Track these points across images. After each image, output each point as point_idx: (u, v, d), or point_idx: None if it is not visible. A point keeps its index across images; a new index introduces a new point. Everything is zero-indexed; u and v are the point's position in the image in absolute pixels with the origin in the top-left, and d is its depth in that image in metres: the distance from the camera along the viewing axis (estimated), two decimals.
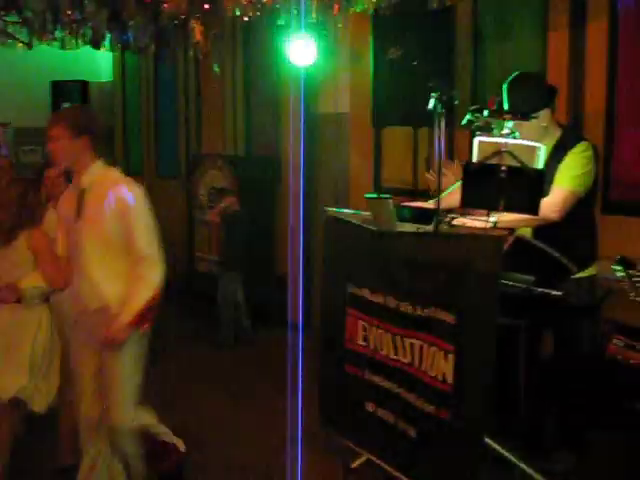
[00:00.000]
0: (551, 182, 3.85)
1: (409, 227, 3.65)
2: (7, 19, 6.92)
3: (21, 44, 7.15)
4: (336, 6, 5.01)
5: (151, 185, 9.65)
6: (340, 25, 6.05)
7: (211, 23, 6.38)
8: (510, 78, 4.00)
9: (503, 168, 3.26)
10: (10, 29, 6.97)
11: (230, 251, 6.98)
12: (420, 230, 3.57)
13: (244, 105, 8.05)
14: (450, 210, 3.82)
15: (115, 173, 3.77)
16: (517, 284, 3.52)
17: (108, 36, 7.92)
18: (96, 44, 7.85)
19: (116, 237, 3.58)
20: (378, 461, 3.95)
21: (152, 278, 3.62)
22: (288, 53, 6.47)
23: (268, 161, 7.57)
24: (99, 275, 3.63)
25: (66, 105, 10.14)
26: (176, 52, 8.24)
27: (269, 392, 5.73)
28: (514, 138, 3.60)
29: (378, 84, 5.66)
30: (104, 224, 3.57)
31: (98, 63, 10.85)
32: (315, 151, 7.08)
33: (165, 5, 5.05)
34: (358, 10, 5.13)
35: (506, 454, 3.74)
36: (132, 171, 10.66)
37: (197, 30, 5.90)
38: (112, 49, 8.77)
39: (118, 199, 3.56)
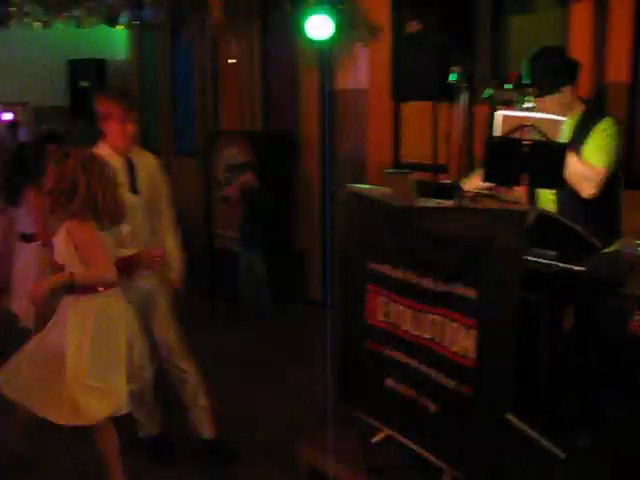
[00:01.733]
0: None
1: (430, 202, 3.62)
2: None
3: (38, 23, 7.14)
4: None
5: (169, 163, 9.68)
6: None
7: None
8: (532, 52, 3.95)
9: (526, 142, 3.22)
10: (27, 8, 6.98)
11: (249, 227, 6.97)
12: (441, 205, 3.54)
13: (262, 81, 8.00)
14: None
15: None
16: (540, 259, 3.49)
17: (124, 14, 7.92)
18: (112, 22, 7.84)
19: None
20: (398, 437, 3.95)
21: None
22: (306, 28, 6.43)
23: (286, 137, 7.53)
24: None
25: (84, 84, 10.17)
26: (193, 28, 8.22)
27: (288, 368, 5.75)
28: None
29: (397, 58, 5.62)
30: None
31: (115, 41, 10.81)
32: (333, 127, 7.04)
33: None
34: None
35: (527, 430, 3.73)
36: (150, 149, 10.66)
37: (215, 5, 5.84)
38: (128, 27, 8.78)
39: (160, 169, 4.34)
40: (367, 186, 4.22)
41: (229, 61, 8.22)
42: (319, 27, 6.48)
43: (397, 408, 3.94)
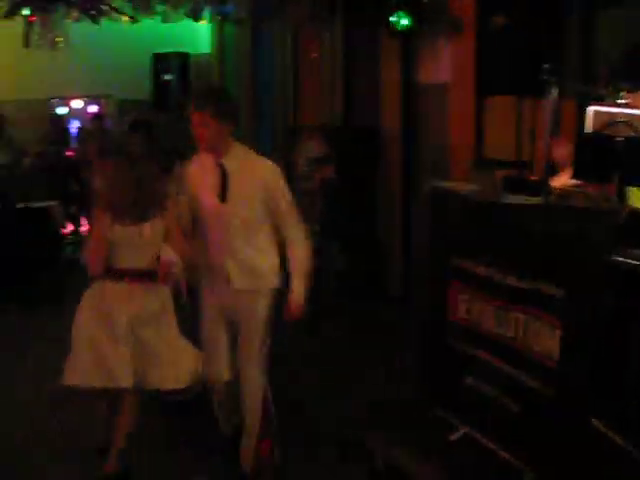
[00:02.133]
0: None
1: (516, 199, 3.57)
2: None
3: (126, 18, 7.33)
4: None
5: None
6: None
7: None
8: (625, 47, 3.84)
9: (619, 139, 3.14)
10: (115, 4, 7.16)
11: (329, 221, 6.98)
12: (528, 201, 3.48)
13: (343, 75, 8.00)
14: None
15: (251, 152, 3.93)
16: (630, 260, 3.39)
17: (208, 9, 8.06)
18: (196, 16, 8.00)
19: (262, 213, 3.81)
20: (477, 435, 3.91)
21: (304, 239, 3.88)
22: (389, 21, 6.41)
23: (367, 131, 7.51)
24: (248, 252, 3.83)
25: (167, 77, 10.38)
26: (274, 23, 8.30)
27: (366, 362, 5.75)
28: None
29: (482, 52, 5.53)
30: (254, 202, 3.76)
31: (198, 35, 11.00)
32: (415, 121, 6.99)
33: None
34: None
35: (612, 435, 3.63)
36: None
37: None
38: (211, 21, 8.93)
39: (268, 174, 3.84)
40: (451, 182, 4.19)
41: (312, 55, 8.22)
42: (402, 20, 6.46)
43: (477, 407, 3.90)
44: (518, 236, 3.49)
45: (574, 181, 3.69)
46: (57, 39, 5.87)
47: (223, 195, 3.76)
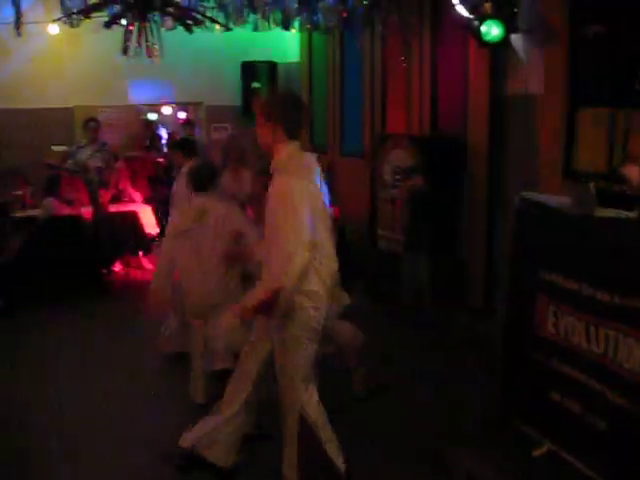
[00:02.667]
0: None
1: (609, 212, 3.50)
2: (206, 4, 7.29)
3: (219, 27, 7.49)
4: None
5: (335, 163, 9.88)
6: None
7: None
8: None
9: None
10: (209, 13, 7.34)
11: (414, 231, 6.96)
12: (622, 216, 3.41)
13: (430, 85, 7.97)
14: None
15: (292, 160, 3.85)
16: None
17: (298, 18, 8.17)
18: (287, 26, 8.11)
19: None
20: (562, 452, 3.84)
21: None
22: (479, 31, 6.35)
23: (454, 142, 7.45)
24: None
25: (255, 85, 10.56)
26: (363, 32, 8.33)
27: (449, 373, 5.70)
28: None
29: (575, 63, 5.43)
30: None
31: (286, 44, 11.15)
32: (502, 132, 6.91)
33: None
34: None
35: None
36: (317, 150, 10.93)
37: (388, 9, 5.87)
38: (301, 30, 9.05)
39: (276, 188, 3.78)
40: (542, 194, 4.13)
41: (400, 61, 8.16)
42: (492, 30, 6.39)
43: (562, 423, 3.83)
44: (610, 251, 3.42)
45: None
46: (153, 48, 6.06)
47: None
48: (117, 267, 9.22)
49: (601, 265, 3.48)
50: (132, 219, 9.09)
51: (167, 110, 13.57)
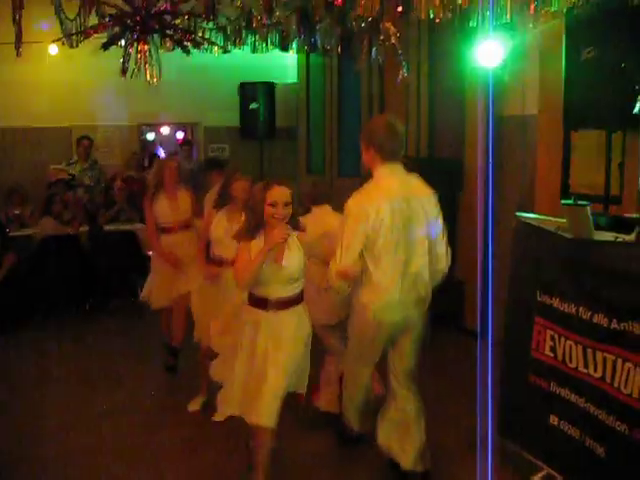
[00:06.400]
0: None
1: (606, 236, 3.50)
2: (205, 26, 7.32)
3: (217, 49, 7.52)
4: (532, 6, 4.85)
5: (332, 184, 9.87)
6: (531, 25, 5.90)
7: (399, 25, 6.40)
8: None
9: None
10: (207, 35, 7.37)
11: None
12: (619, 239, 3.40)
13: (428, 107, 8.00)
14: None
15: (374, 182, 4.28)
16: None
17: (296, 40, 8.19)
18: (285, 47, 8.14)
19: None
20: (560, 477, 3.81)
21: None
22: (475, 54, 6.38)
23: (451, 163, 7.47)
24: None
25: (254, 105, 10.57)
26: (361, 54, 8.35)
27: (445, 398, 5.67)
28: None
29: (570, 85, 5.44)
30: None
31: (284, 65, 11.19)
32: (500, 154, 6.92)
33: (359, 8, 5.12)
34: (554, 9, 4.94)
35: None
36: (314, 170, 10.94)
37: (391, 31, 5.92)
38: (299, 51, 9.07)
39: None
40: (541, 216, 4.12)
41: (397, 81, 8.18)
42: (489, 53, 6.43)
43: (560, 447, 3.81)
44: (608, 275, 3.41)
45: None
46: (152, 70, 6.08)
47: None
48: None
49: (599, 289, 3.47)
50: (130, 239, 9.06)
51: (165, 130, 13.61)
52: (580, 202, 3.56)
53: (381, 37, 6.29)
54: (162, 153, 12.73)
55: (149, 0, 5.78)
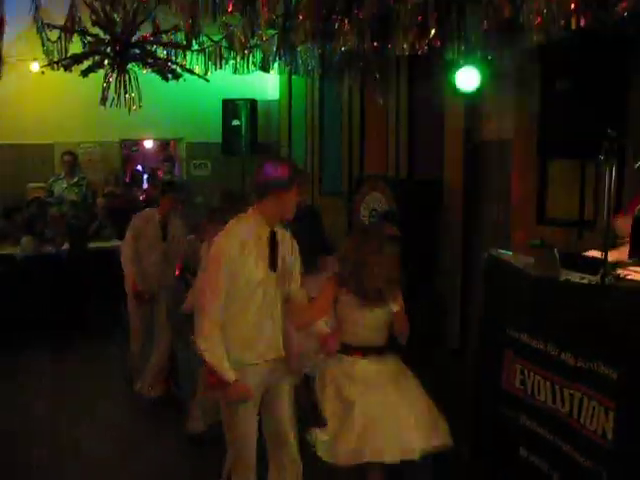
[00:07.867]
0: None
1: (573, 275, 3.57)
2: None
3: (199, 69, 7.56)
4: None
5: (314, 202, 9.94)
6: (507, 54, 5.99)
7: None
8: None
9: None
10: (189, 57, 7.42)
11: None
12: (585, 280, 3.48)
13: (407, 129, 8.08)
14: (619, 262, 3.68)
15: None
16: None
17: (277, 61, 8.26)
18: (266, 68, 8.20)
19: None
20: None
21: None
22: (454, 78, 6.50)
23: (430, 184, 7.55)
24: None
25: (236, 122, 10.62)
26: (342, 76, 8.44)
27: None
28: None
29: (545, 114, 5.54)
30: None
31: (266, 82, 11.23)
32: (477, 177, 7.03)
33: (337, 39, 5.18)
34: (530, 43, 5.03)
35: None
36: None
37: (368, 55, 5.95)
38: (280, 72, 9.14)
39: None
40: (510, 253, 4.20)
41: (377, 100, 8.21)
42: (467, 78, 6.54)
43: (529, 478, 3.87)
44: (574, 314, 3.49)
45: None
46: (131, 98, 6.12)
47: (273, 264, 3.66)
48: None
49: (565, 328, 3.54)
50: (113, 257, 9.03)
51: (148, 145, 13.62)
52: (547, 244, 3.64)
53: (360, 63, 6.35)
54: (145, 170, 12.74)
55: (129, 29, 5.81)
